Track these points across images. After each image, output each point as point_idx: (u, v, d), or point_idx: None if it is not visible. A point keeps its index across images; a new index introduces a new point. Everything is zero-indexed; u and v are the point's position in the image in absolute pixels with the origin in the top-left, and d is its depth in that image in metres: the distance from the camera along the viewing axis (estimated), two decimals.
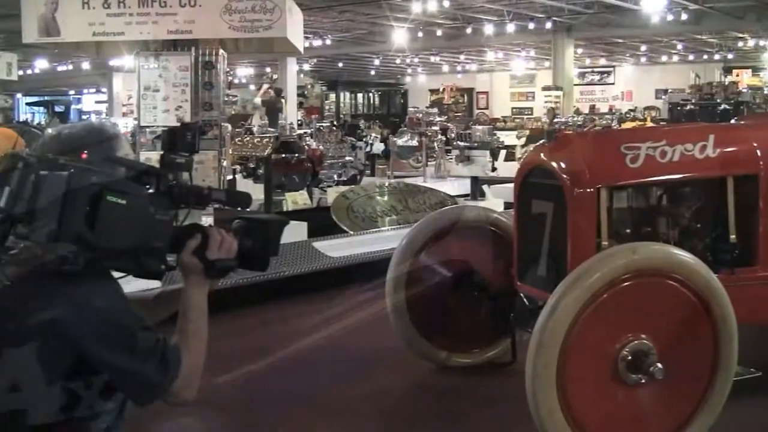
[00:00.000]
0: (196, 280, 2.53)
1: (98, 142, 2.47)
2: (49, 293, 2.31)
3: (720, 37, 34.48)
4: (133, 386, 2.44)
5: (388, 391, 5.31)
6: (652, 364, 3.88)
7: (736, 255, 4.69)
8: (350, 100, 47.52)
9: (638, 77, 44.35)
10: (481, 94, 47.86)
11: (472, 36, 31.83)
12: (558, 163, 4.50)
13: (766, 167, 4.72)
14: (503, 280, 5.18)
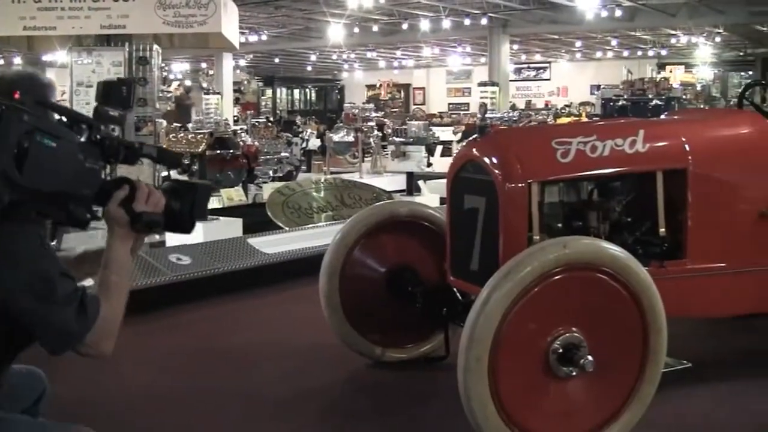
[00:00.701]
0: (120, 232, 2.52)
1: (31, 86, 2.49)
2: None
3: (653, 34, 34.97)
4: (48, 332, 2.41)
5: (324, 387, 5.29)
6: (583, 357, 3.91)
7: (665, 248, 4.75)
8: (287, 96, 47.46)
9: (573, 73, 44.82)
10: (417, 90, 48.04)
11: (408, 32, 31.95)
12: (489, 158, 4.52)
13: (694, 162, 4.78)
14: (436, 275, 5.20)
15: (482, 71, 38.44)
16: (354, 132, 18.04)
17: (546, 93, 45.26)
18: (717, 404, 4.93)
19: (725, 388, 5.16)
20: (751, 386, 5.22)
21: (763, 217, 4.96)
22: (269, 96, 46.18)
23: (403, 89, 47.02)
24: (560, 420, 4.03)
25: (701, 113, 9.26)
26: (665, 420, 4.59)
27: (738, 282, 4.99)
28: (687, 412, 4.80)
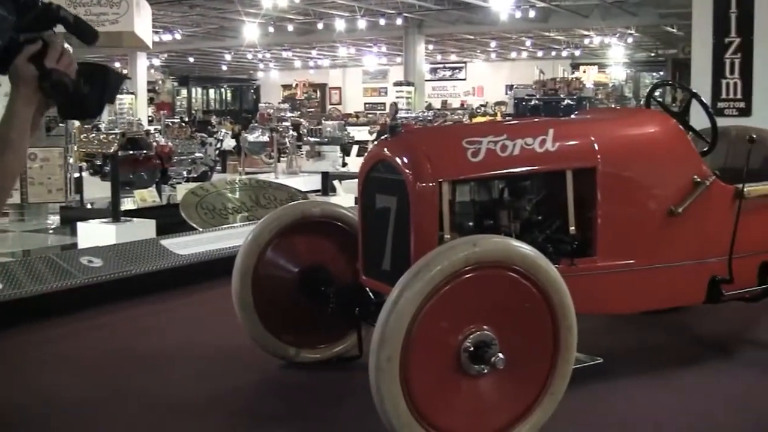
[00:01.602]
0: (25, 92, 2.39)
1: None
2: None
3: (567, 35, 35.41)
4: None
5: (237, 389, 5.25)
6: (494, 355, 3.93)
7: (575, 246, 4.80)
8: (202, 96, 47.06)
9: (489, 73, 45.20)
10: (333, 90, 48.06)
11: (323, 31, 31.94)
12: (400, 157, 4.52)
13: (603, 160, 4.84)
14: (349, 274, 5.19)
15: (398, 71, 38.57)
16: (269, 132, 17.97)
17: (462, 93, 45.58)
18: (628, 399, 5.00)
19: (636, 383, 5.24)
20: (660, 380, 5.31)
21: (671, 215, 5.04)
22: (184, 96, 45.79)
23: (319, 89, 46.96)
24: (473, 417, 4.05)
25: (610, 113, 9.39)
26: (577, 416, 4.65)
27: (647, 278, 5.06)
28: (599, 407, 4.86)
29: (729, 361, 5.76)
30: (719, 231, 5.27)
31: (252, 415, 4.93)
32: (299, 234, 5.45)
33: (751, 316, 6.67)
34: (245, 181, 11.71)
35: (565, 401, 4.30)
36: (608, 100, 28.96)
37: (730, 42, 9.24)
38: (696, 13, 9.67)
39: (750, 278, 5.55)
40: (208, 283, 7.73)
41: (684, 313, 6.70)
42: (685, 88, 6.58)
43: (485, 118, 27.36)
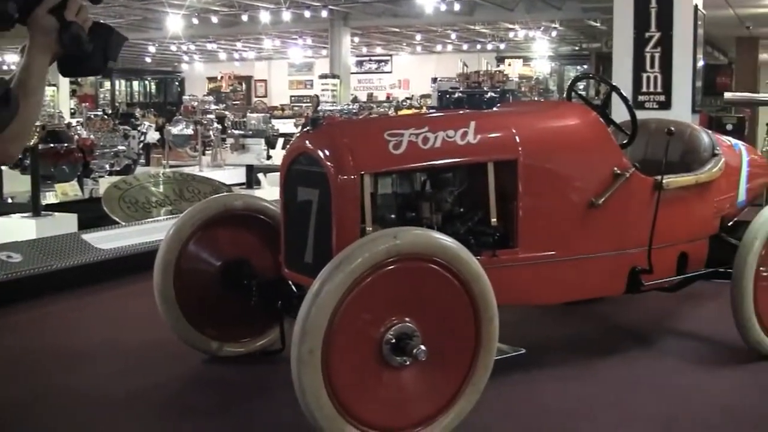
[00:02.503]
0: (43, 41, 2.48)
1: None
2: None
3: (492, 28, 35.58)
4: None
5: (160, 384, 5.21)
6: (416, 347, 3.94)
7: (497, 238, 4.83)
8: (126, 88, 46.54)
9: (415, 66, 45.29)
10: (259, 82, 47.79)
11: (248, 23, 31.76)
12: (322, 150, 4.50)
13: (524, 152, 4.87)
14: (272, 267, 5.17)
15: (324, 64, 38.46)
16: (193, 125, 17.82)
17: (388, 86, 45.60)
18: (551, 389, 5.06)
19: (559, 373, 5.31)
20: (582, 370, 5.39)
21: (591, 206, 5.09)
22: (108, 88, 45.24)
23: (244, 81, 46.67)
24: (395, 409, 4.05)
25: (532, 105, 9.48)
26: (501, 406, 4.69)
27: (568, 269, 5.12)
28: (522, 397, 4.91)
29: (649, 350, 5.85)
30: (639, 222, 5.34)
31: (176, 409, 4.90)
32: (222, 227, 5.42)
33: (670, 306, 6.79)
34: (169, 174, 11.60)
35: (489, 392, 4.33)
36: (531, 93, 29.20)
37: (651, 36, 9.39)
38: (617, 7, 9.79)
39: (669, 268, 5.65)
40: (131, 277, 7.64)
41: (605, 304, 6.79)
42: (605, 82, 6.66)
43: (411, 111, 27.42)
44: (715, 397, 4.99)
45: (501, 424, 4.57)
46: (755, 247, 5.45)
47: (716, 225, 6.11)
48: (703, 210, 5.92)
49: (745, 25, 22.89)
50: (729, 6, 18.99)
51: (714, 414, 4.76)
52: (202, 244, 5.37)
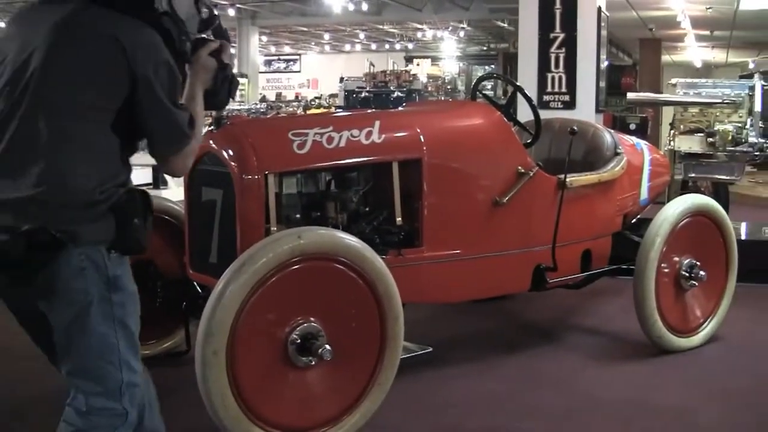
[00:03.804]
0: (204, 78, 3.05)
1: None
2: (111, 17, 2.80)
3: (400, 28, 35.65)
4: (169, 128, 2.86)
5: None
6: (321, 346, 3.94)
7: (402, 237, 4.84)
8: None
9: (323, 65, 45.17)
10: None
11: None
12: (226, 150, 4.46)
13: (429, 152, 4.89)
14: (177, 268, 5.10)
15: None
16: None
17: (297, 85, 45.41)
18: (458, 386, 5.09)
19: (465, 371, 5.36)
20: (489, 367, 5.45)
21: (496, 205, 5.13)
22: None
23: None
24: (301, 409, 4.06)
25: (437, 105, 9.52)
26: (408, 404, 4.71)
27: (473, 268, 5.15)
28: (429, 395, 4.93)
29: (553, 346, 5.93)
30: (543, 220, 5.40)
31: None
32: None
33: (575, 302, 6.88)
34: None
35: (396, 390, 4.35)
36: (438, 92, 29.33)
37: (555, 37, 9.49)
38: (522, 9, 9.88)
39: (573, 266, 5.73)
40: None
41: (511, 301, 6.87)
42: (509, 82, 6.72)
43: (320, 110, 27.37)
44: (617, 391, 5.07)
45: (407, 422, 4.59)
46: (657, 244, 5.56)
47: (619, 222, 6.21)
48: (606, 208, 6.01)
49: (647, 27, 23.31)
50: (632, 8, 19.31)
51: (615, 407, 4.83)
52: None
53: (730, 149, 9.42)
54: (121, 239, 2.78)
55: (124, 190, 2.81)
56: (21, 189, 2.67)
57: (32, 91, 2.73)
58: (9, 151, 2.73)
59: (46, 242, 2.63)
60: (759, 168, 15.29)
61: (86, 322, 2.75)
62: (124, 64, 2.74)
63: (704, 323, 5.90)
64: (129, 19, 2.81)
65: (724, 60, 34.63)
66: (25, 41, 2.83)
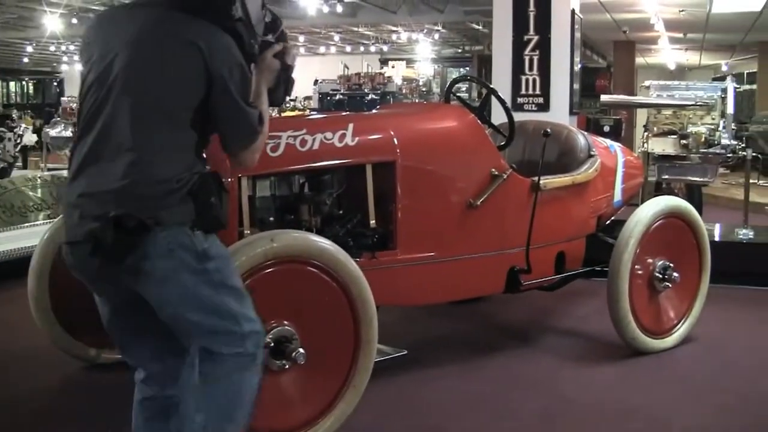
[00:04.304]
0: (268, 77, 3.31)
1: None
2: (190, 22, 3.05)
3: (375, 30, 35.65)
4: (240, 125, 3.14)
5: (38, 391, 5.12)
6: (295, 350, 3.93)
7: (376, 240, 4.84)
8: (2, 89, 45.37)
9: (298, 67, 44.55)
10: None
11: None
12: None
13: (402, 154, 4.89)
14: None
15: None
16: (72, 126, 17.41)
17: None
18: (433, 389, 5.10)
19: (440, 373, 5.37)
20: (464, 369, 5.46)
21: (469, 207, 5.14)
22: None
23: None
24: (276, 413, 4.03)
25: (411, 107, 9.53)
26: (383, 407, 4.70)
27: (447, 270, 5.15)
28: (404, 397, 4.93)
29: (528, 348, 5.95)
30: (517, 222, 5.41)
31: (54, 417, 4.81)
32: None
33: (549, 304, 6.90)
34: (47, 177, 11.30)
35: (371, 393, 4.35)
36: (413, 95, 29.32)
37: (529, 39, 9.50)
38: (496, 11, 9.88)
39: (547, 268, 5.74)
40: (6, 283, 7.46)
41: (486, 303, 6.88)
42: (483, 84, 6.71)
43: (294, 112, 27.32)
44: (593, 393, 5.09)
45: (382, 425, 4.58)
46: (630, 246, 5.58)
47: (593, 224, 6.23)
48: (580, 210, 6.03)
49: (621, 30, 23.41)
50: (606, 11, 19.39)
51: (591, 408, 4.85)
52: None
53: (703, 151, 9.46)
54: (201, 218, 3.03)
55: (198, 175, 3.05)
56: (109, 181, 2.93)
57: (117, 91, 3.00)
58: (96, 146, 3.01)
59: (132, 227, 2.88)
60: (732, 170, 15.44)
61: (189, 292, 3.02)
62: (202, 66, 2.99)
63: (678, 324, 5.93)
64: (206, 24, 3.04)
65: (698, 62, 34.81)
66: (110, 43, 3.08)
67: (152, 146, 2.97)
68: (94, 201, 2.94)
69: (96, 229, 2.89)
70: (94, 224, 2.91)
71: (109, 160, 2.97)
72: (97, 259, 2.93)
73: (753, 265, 8.00)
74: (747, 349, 5.97)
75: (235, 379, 3.13)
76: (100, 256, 2.91)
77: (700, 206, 9.28)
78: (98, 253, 2.91)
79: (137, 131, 2.96)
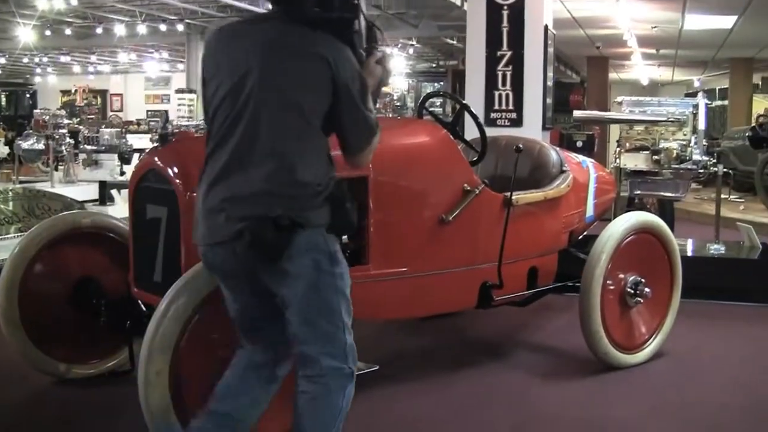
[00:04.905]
0: (372, 83, 3.47)
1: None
2: (315, 36, 3.29)
3: None
4: (363, 127, 3.43)
5: (6, 406, 5.08)
6: None
7: (348, 255, 4.80)
8: None
9: None
10: (115, 96, 46.86)
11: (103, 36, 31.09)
12: (170, 167, 4.41)
13: (375, 169, 4.87)
14: (122, 287, 5.05)
15: (181, 78, 37.97)
16: (45, 139, 17.31)
17: None
18: (404, 404, 5.10)
19: (412, 388, 5.36)
20: (435, 384, 5.45)
21: (442, 223, 5.13)
22: None
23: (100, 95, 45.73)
24: None
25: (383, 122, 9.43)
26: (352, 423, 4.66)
27: (420, 285, 5.14)
28: (374, 413, 4.92)
29: (501, 363, 5.96)
30: (489, 238, 5.41)
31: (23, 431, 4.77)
32: (70, 245, 5.29)
33: (522, 319, 6.91)
34: (18, 190, 11.22)
35: None
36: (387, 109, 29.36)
37: (503, 55, 9.52)
38: (470, 26, 9.90)
39: (519, 283, 5.75)
40: None
41: (459, 318, 6.88)
42: (455, 99, 6.71)
43: None
44: (565, 408, 5.10)
45: None
46: (602, 261, 5.61)
47: (565, 240, 6.25)
48: (552, 225, 6.05)
49: (595, 45, 23.56)
50: (579, 26, 19.51)
51: (563, 423, 4.86)
52: (48, 263, 5.24)
53: (675, 167, 9.53)
54: (336, 222, 3.34)
55: (333, 180, 3.36)
56: (255, 185, 3.21)
57: (255, 103, 3.26)
58: (238, 154, 3.27)
59: (287, 226, 3.16)
60: (704, 185, 15.54)
61: (317, 293, 3.30)
62: (329, 75, 3.26)
63: (649, 339, 5.96)
64: (329, 37, 3.30)
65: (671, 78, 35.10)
66: (239, 58, 3.33)
67: (294, 152, 3.25)
68: (240, 204, 3.22)
69: (248, 228, 3.17)
70: (240, 224, 3.19)
71: (252, 167, 3.23)
72: (250, 256, 3.21)
73: (724, 280, 8.05)
74: (717, 364, 6.00)
75: (334, 397, 3.38)
76: (259, 252, 3.20)
77: (672, 221, 9.33)
78: (256, 249, 3.19)
79: (279, 139, 3.25)
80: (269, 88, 3.26)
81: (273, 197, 3.20)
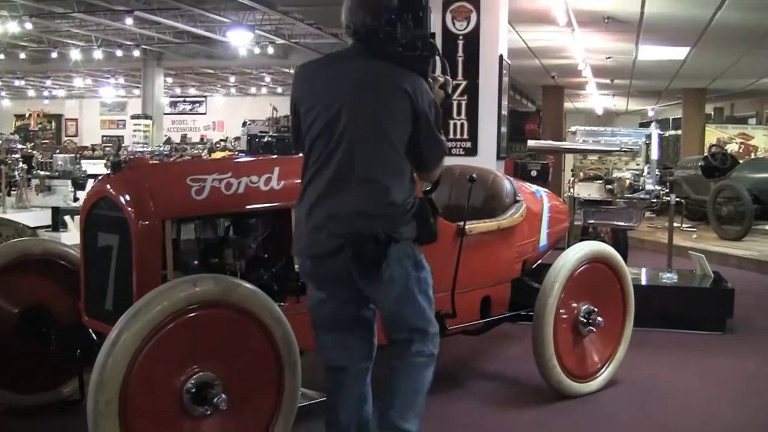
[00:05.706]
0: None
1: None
2: (397, 70, 3.78)
3: None
4: (438, 148, 3.94)
5: None
6: (217, 395, 3.88)
7: (301, 284, 4.80)
8: None
9: (229, 108, 45.04)
10: (70, 121, 46.59)
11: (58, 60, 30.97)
12: (122, 195, 4.37)
13: None
14: (72, 315, 4.99)
15: (137, 103, 37.84)
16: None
17: (202, 127, 45.24)
18: None
19: None
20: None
21: None
22: None
23: (54, 120, 45.46)
24: None
25: None
26: None
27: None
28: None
29: (455, 391, 5.94)
30: (442, 267, 5.38)
31: None
32: (18, 273, 5.21)
33: (477, 347, 6.91)
34: None
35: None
36: None
37: (458, 84, 9.56)
38: None
39: (472, 312, 5.75)
40: None
41: None
42: None
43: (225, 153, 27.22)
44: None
45: None
46: (555, 291, 5.63)
47: (518, 269, 6.27)
48: (506, 254, 6.07)
49: (550, 75, 23.75)
50: (534, 56, 19.67)
51: None
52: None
53: (628, 196, 9.62)
54: (422, 234, 3.88)
55: (416, 198, 3.88)
56: (354, 206, 3.74)
57: (348, 136, 3.75)
58: (337, 179, 3.78)
59: (384, 240, 3.69)
60: (657, 214, 15.68)
61: (408, 295, 3.91)
62: (411, 105, 3.74)
63: (602, 368, 5.99)
64: (408, 72, 3.76)
65: (625, 107, 35.42)
66: (332, 95, 3.81)
67: (386, 176, 3.76)
68: (341, 222, 3.75)
69: (349, 243, 3.72)
70: (340, 240, 3.73)
71: (350, 190, 3.75)
72: (351, 267, 3.76)
73: (676, 309, 8.11)
74: (670, 392, 6.03)
75: (420, 371, 4.05)
76: (361, 263, 3.74)
77: (625, 250, 9.41)
78: (358, 261, 3.73)
79: (374, 165, 3.75)
80: (362, 121, 3.74)
81: (370, 217, 3.72)
